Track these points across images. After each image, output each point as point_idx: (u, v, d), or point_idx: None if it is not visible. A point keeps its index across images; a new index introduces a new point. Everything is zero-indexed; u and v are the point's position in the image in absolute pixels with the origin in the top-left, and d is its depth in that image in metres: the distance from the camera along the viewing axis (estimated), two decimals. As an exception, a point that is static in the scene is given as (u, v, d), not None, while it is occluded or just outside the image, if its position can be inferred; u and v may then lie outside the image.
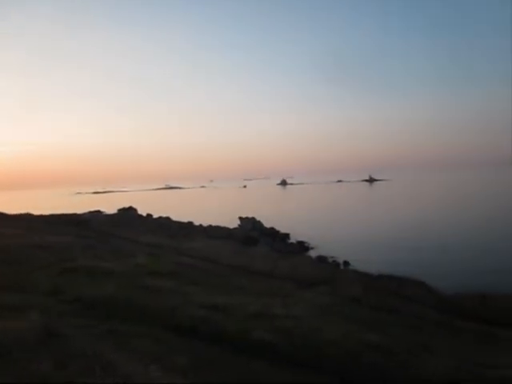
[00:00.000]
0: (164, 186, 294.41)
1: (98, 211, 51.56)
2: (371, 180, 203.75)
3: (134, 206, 50.19)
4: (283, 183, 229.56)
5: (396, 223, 48.84)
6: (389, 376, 6.05)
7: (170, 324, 7.48)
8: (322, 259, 28.47)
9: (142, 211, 48.71)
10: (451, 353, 7.54)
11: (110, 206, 63.79)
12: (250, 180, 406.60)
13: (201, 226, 41.71)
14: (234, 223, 45.10)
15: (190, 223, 42.66)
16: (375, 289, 13.36)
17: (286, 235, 41.04)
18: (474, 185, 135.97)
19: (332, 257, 29.73)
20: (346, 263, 27.93)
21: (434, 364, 6.50)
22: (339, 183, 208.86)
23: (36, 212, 40.72)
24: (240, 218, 46.34)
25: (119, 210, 47.39)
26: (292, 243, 37.50)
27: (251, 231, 39.74)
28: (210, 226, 41.09)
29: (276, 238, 39.07)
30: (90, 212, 47.63)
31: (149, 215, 46.56)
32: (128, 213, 45.87)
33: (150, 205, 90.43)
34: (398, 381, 5.95)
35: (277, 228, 43.06)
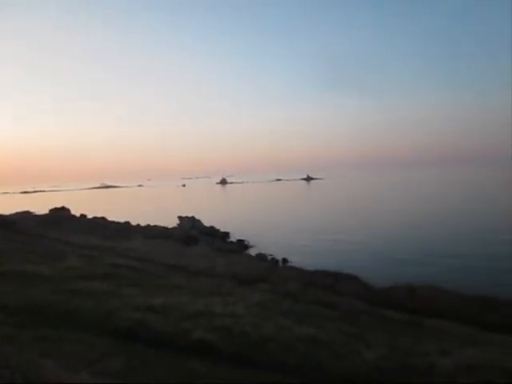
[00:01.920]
0: (100, 185, 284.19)
1: (27, 212, 48.61)
2: (309, 178, 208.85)
3: (67, 206, 47.84)
4: (223, 182, 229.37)
5: (331, 220, 50.50)
6: (324, 367, 6.26)
7: (105, 328, 7.27)
8: (261, 257, 28.78)
9: (76, 211, 46.65)
10: (382, 342, 7.91)
11: (40, 206, 60.55)
12: (190, 179, 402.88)
13: (138, 225, 40.77)
14: (173, 223, 44.51)
15: (127, 223, 41.56)
16: (311, 284, 13.74)
17: (226, 234, 41.10)
18: (407, 182, 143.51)
19: (271, 254, 30.16)
20: (285, 260, 28.45)
21: (367, 354, 6.81)
22: (278, 182, 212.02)
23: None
24: (179, 218, 45.79)
25: (51, 211, 45.01)
26: (232, 242, 37.62)
27: (191, 230, 39.41)
28: (148, 226, 40.28)
29: (216, 236, 38.99)
30: (18, 213, 44.85)
31: (83, 215, 44.71)
32: (60, 213, 43.69)
33: (85, 205, 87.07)
34: (332, 371, 6.16)
35: (216, 227, 43.00)
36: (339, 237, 37.13)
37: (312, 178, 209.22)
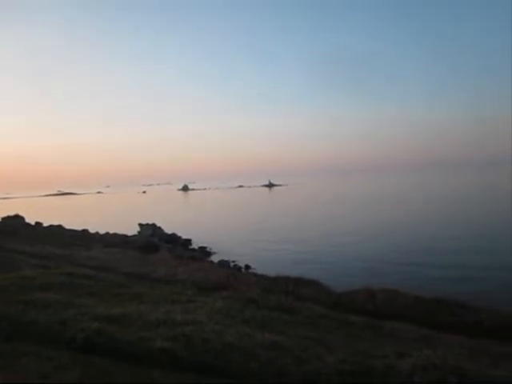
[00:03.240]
0: (56, 193, 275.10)
1: (-23, 220, 46.43)
2: (271, 185, 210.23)
3: (21, 213, 46.02)
4: (185, 188, 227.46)
5: (293, 227, 50.98)
6: (286, 372, 6.30)
7: (61, 340, 7.04)
8: (223, 264, 28.72)
9: (31, 219, 44.95)
10: (342, 346, 8.05)
11: (-9, 214, 57.96)
12: (151, 185, 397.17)
13: (97, 233, 39.83)
14: (133, 230, 43.68)
15: (85, 231, 40.53)
16: (273, 290, 13.81)
17: (188, 241, 40.76)
18: (366, 187, 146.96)
19: (234, 261, 30.16)
20: (248, 267, 28.50)
21: (327, 357, 6.90)
22: (240, 188, 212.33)
23: None
24: (140, 225, 44.98)
25: (3, 219, 43.16)
26: (194, 249, 37.35)
27: (151, 238, 38.79)
28: (108, 234, 39.42)
29: (177, 244, 38.62)
30: (-33, 222, 42.73)
31: (38, 223, 43.19)
32: (13, 221, 41.95)
33: (40, 212, 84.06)
34: (294, 376, 6.21)
35: (178, 234, 42.59)
36: (301, 243, 37.56)
37: (274, 185, 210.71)
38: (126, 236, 39.38)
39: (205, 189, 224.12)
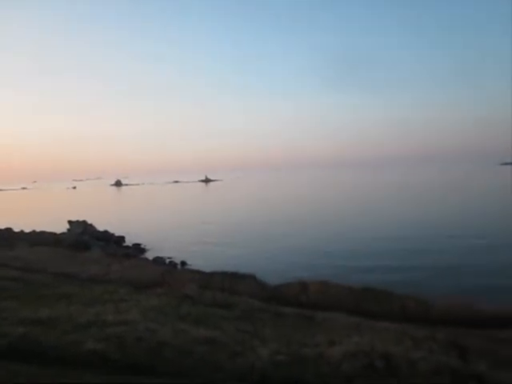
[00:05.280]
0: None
1: None
2: (207, 180, 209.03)
3: None
4: (118, 184, 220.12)
5: (228, 222, 51.12)
6: (222, 367, 6.34)
7: (-19, 347, 6.59)
8: (158, 261, 28.21)
9: None
10: (277, 338, 8.23)
11: None
12: (81, 181, 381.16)
13: (22, 232, 37.61)
14: (62, 228, 41.65)
15: (9, 230, 38.16)
16: (209, 286, 13.81)
17: (121, 238, 39.54)
18: (296, 183, 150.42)
19: (169, 257, 29.70)
20: (184, 263, 28.20)
21: (262, 350, 7.03)
22: (176, 184, 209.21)
23: None
24: (69, 222, 42.99)
25: None
26: (127, 246, 36.33)
27: (82, 235, 37.22)
28: (34, 232, 37.31)
29: (110, 241, 37.35)
30: None
31: (-46, 223, 39.99)
32: None
33: (-44, 211, 77.95)
34: (230, 370, 6.26)
35: (111, 231, 41.17)
36: (237, 238, 37.78)
37: (210, 180, 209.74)
38: (54, 234, 37.43)
39: (139, 184, 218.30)
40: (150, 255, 31.36)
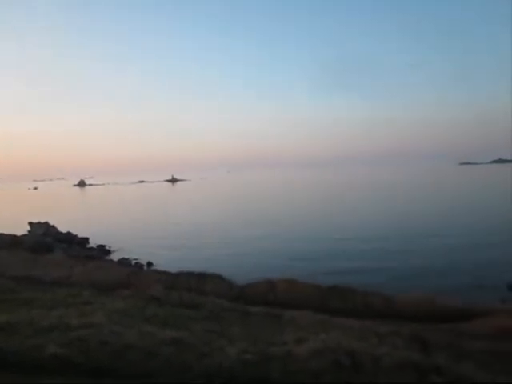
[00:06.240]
0: None
1: None
2: (174, 180, 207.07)
3: None
4: (81, 184, 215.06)
5: (195, 222, 50.78)
6: (189, 367, 6.29)
7: None
8: (124, 262, 27.75)
9: None
10: (244, 337, 8.23)
11: None
12: (42, 181, 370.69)
13: (-22, 235, 36.05)
14: (22, 229, 40.27)
15: (-36, 232, 36.46)
16: (176, 287, 13.68)
17: (85, 240, 38.62)
18: (261, 182, 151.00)
19: (135, 259, 29.25)
20: (150, 264, 27.84)
21: (229, 349, 7.01)
22: (142, 184, 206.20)
23: None
24: (30, 224, 41.62)
25: None
26: (92, 248, 35.53)
27: (44, 237, 36.09)
28: (-8, 235, 35.86)
29: (73, 243, 36.39)
30: None
31: None
32: None
33: None
34: (197, 370, 6.22)
35: (74, 232, 40.15)
36: (204, 238, 37.60)
37: (177, 180, 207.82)
38: (14, 236, 36.10)
39: (103, 184, 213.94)
40: (115, 257, 30.78)
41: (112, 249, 34.52)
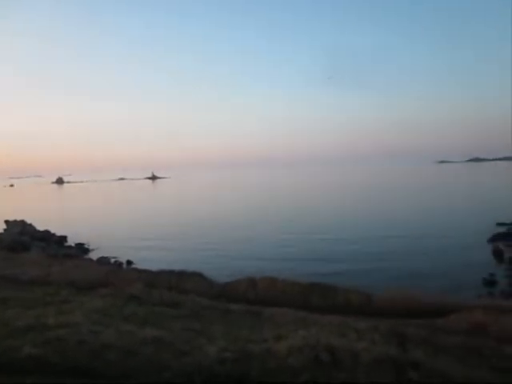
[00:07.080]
0: None
1: None
2: (154, 178, 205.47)
3: None
4: (59, 181, 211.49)
5: (175, 220, 50.47)
6: (168, 366, 6.26)
7: None
8: (103, 261, 27.43)
9: None
10: (224, 335, 8.23)
11: None
12: (19, 178, 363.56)
13: (-47, 233, 35.23)
14: (-2, 228, 39.50)
15: None
16: (156, 285, 13.59)
17: (63, 238, 38.07)
18: (239, 181, 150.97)
19: (115, 257, 28.95)
20: (130, 262, 27.61)
21: (209, 347, 7.00)
22: (122, 181, 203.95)
23: None
24: (6, 222, 40.81)
25: None
26: (70, 246, 35.04)
27: (20, 236, 35.41)
28: (-34, 234, 35.07)
29: (51, 241, 35.82)
30: None
31: None
32: None
33: None
34: (174, 370, 6.19)
35: (52, 231, 39.52)
36: (184, 237, 37.42)
37: (157, 177, 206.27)
38: (-11, 235, 35.42)
39: (82, 181, 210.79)
40: (93, 255, 30.41)
41: (91, 247, 34.11)
